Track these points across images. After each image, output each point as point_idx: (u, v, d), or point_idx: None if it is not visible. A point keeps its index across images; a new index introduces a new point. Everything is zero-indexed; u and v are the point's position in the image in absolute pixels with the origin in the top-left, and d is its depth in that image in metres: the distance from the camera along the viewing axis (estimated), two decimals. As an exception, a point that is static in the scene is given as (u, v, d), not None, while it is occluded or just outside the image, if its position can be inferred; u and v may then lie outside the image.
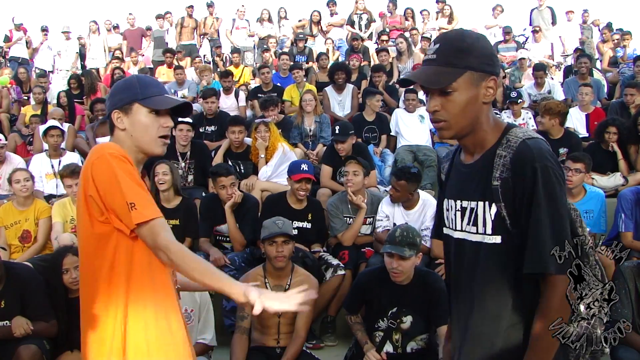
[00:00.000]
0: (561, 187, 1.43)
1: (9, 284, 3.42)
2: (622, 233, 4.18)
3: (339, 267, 4.24)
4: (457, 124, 1.50)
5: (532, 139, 1.46)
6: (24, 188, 4.57)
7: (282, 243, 3.40)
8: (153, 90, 1.76)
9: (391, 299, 3.19)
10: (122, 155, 1.66)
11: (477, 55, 1.46)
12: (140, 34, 11.79)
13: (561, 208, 1.42)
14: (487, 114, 1.52)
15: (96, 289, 1.68)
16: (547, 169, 1.41)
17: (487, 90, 1.48)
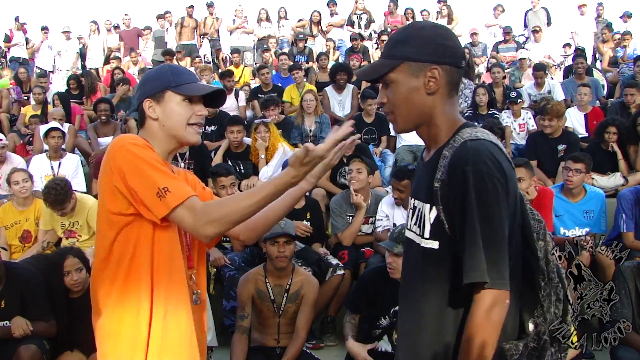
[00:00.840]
0: (496, 193, 1.31)
1: (9, 284, 3.42)
2: (623, 233, 4.17)
3: (338, 267, 4.24)
4: (401, 115, 1.45)
5: (476, 141, 1.36)
6: (23, 189, 4.56)
7: (284, 243, 3.40)
8: (186, 78, 1.71)
9: (394, 297, 3.18)
10: (144, 143, 1.61)
11: (415, 45, 1.40)
12: (136, 34, 11.78)
13: (494, 217, 1.31)
14: (442, 108, 1.43)
15: (113, 282, 1.61)
16: (480, 174, 1.31)
17: (429, 80, 1.40)
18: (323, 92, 7.46)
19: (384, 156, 6.23)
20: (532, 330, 1.39)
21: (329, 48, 9.80)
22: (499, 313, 1.31)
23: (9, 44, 11.19)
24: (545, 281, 1.41)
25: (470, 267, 1.31)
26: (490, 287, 1.30)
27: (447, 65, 1.40)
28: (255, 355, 3.36)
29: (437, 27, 1.47)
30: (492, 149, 1.35)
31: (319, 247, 4.49)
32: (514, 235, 1.37)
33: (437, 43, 1.40)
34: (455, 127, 1.44)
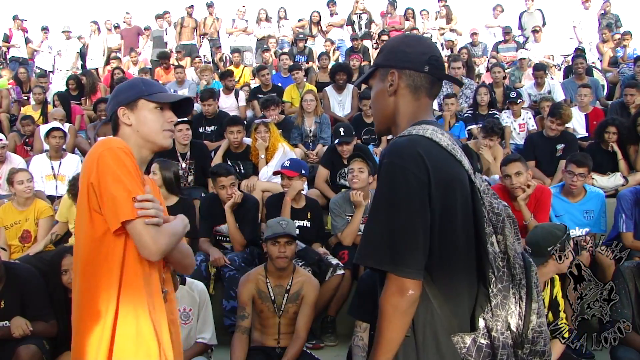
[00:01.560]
0: (408, 185, 1.35)
1: (8, 284, 3.42)
2: (623, 233, 4.17)
3: (338, 267, 4.24)
4: (374, 117, 1.61)
5: (405, 137, 1.44)
6: (27, 189, 4.56)
7: (285, 244, 3.41)
8: (157, 88, 1.87)
9: None
10: (127, 148, 1.71)
11: (384, 53, 1.59)
12: (137, 32, 11.78)
13: (400, 207, 1.35)
14: (404, 109, 1.53)
15: (91, 282, 1.68)
16: (392, 165, 1.38)
17: (389, 83, 1.53)
18: (323, 92, 7.46)
19: (383, 156, 6.22)
20: (481, 326, 1.39)
21: (329, 49, 9.79)
22: (401, 301, 1.34)
23: (8, 44, 11.19)
24: (498, 276, 1.40)
25: (359, 249, 1.41)
26: (395, 274, 1.34)
27: (407, 69, 1.52)
28: (255, 355, 3.35)
29: (404, 37, 1.65)
30: (417, 142, 1.40)
31: (319, 247, 4.50)
32: (449, 224, 1.39)
33: (399, 49, 1.54)
34: (409, 126, 1.50)
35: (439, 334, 1.38)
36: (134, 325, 1.66)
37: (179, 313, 3.32)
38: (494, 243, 1.42)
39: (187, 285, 3.42)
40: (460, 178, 1.42)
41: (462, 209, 1.41)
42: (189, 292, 3.39)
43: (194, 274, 4.11)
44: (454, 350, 1.38)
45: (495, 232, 1.43)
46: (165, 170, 4.45)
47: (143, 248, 1.64)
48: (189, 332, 3.36)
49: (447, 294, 1.39)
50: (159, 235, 1.65)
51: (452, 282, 1.39)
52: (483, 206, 1.44)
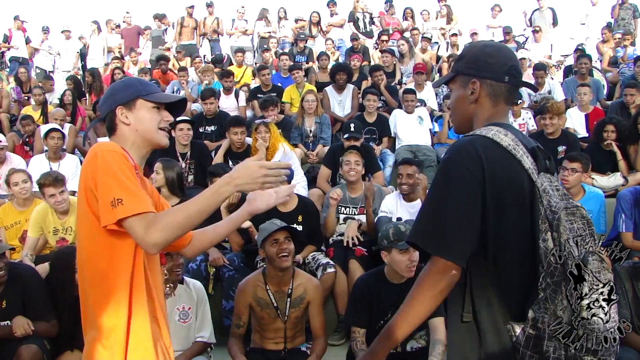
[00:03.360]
0: (461, 178, 1.48)
1: (10, 284, 3.43)
2: (622, 233, 4.17)
3: (329, 265, 4.22)
4: (453, 118, 1.75)
5: (469, 136, 1.58)
6: (22, 190, 4.53)
7: (285, 240, 3.25)
8: (153, 88, 1.90)
9: (390, 299, 3.18)
10: (120, 152, 1.71)
11: (465, 61, 1.67)
12: (137, 31, 11.79)
13: (451, 197, 1.48)
14: (481, 115, 1.65)
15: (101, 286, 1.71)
16: (448, 160, 1.53)
17: (470, 91, 1.64)
18: (323, 92, 7.46)
19: (384, 156, 6.23)
20: (530, 317, 1.45)
21: (330, 48, 9.79)
22: (439, 280, 1.48)
23: (7, 44, 11.19)
24: (549, 271, 1.44)
25: (410, 230, 1.57)
26: (437, 255, 1.48)
27: (487, 79, 1.62)
28: (255, 357, 3.32)
29: (486, 46, 1.70)
30: (478, 141, 1.53)
31: (314, 250, 4.46)
32: (502, 220, 1.48)
33: (480, 59, 1.64)
34: None
35: (497, 321, 1.49)
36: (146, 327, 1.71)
37: (178, 312, 3.33)
38: (548, 239, 1.48)
39: (185, 284, 3.41)
40: (518, 177, 1.52)
41: (517, 207, 1.50)
42: (187, 291, 3.38)
43: (193, 273, 4.12)
44: (504, 337, 1.48)
45: (551, 229, 1.49)
46: (168, 170, 4.45)
47: (138, 241, 1.62)
48: (188, 330, 3.35)
49: (502, 285, 1.49)
50: (151, 229, 1.59)
51: (506, 274, 1.49)
52: (541, 204, 1.51)
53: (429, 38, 9.82)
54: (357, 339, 3.17)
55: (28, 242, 4.38)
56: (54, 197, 4.19)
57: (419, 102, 7.02)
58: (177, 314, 3.32)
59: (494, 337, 1.49)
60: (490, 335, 1.49)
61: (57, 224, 4.36)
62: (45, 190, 4.21)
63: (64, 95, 7.45)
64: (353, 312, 3.27)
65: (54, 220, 4.36)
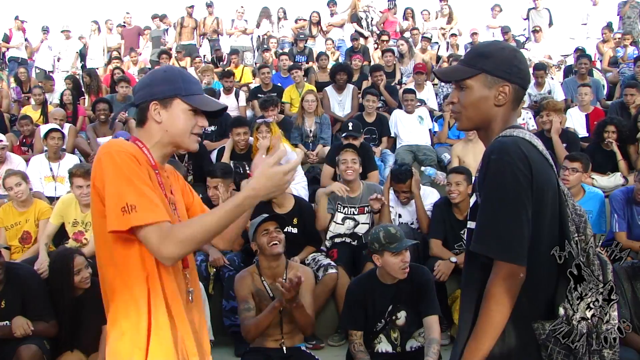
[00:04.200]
0: (515, 180, 1.47)
1: (9, 284, 3.43)
2: (616, 233, 4.19)
3: (330, 266, 4.22)
4: (467, 116, 1.67)
5: (507, 137, 1.56)
6: (18, 194, 4.51)
7: (275, 230, 3.32)
8: (195, 88, 1.74)
9: (385, 299, 3.18)
10: (131, 153, 1.61)
11: (495, 62, 1.61)
12: (137, 32, 11.79)
13: (508, 199, 1.47)
14: (502, 117, 1.63)
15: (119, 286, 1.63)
16: (501, 162, 1.49)
17: (499, 93, 1.60)
18: (323, 92, 7.46)
19: (384, 156, 6.23)
20: (561, 314, 1.48)
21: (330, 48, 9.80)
22: (511, 285, 1.46)
23: (7, 44, 11.19)
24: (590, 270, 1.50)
25: (475, 239, 1.53)
26: (504, 260, 1.46)
27: (516, 84, 1.62)
28: (256, 356, 3.32)
29: (515, 51, 1.68)
30: (521, 143, 1.53)
31: (313, 251, 4.46)
32: (540, 222, 1.51)
33: (513, 64, 1.61)
34: (504, 129, 1.62)
35: (522, 320, 1.49)
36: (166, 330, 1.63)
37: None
38: (577, 241, 1.53)
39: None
40: (552, 180, 1.56)
41: (550, 209, 1.54)
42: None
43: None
44: (533, 336, 1.49)
45: (578, 231, 1.55)
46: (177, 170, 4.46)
47: (152, 252, 1.56)
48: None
49: (531, 284, 1.49)
50: (167, 241, 1.52)
51: (536, 273, 1.49)
52: (567, 207, 1.56)
53: (429, 38, 9.82)
54: (355, 342, 3.17)
55: (48, 229, 4.43)
56: (80, 189, 4.26)
57: (419, 102, 7.03)
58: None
59: (520, 333, 1.49)
60: (516, 332, 1.49)
61: (79, 216, 4.40)
62: (74, 180, 4.28)
63: (64, 95, 7.45)
64: (349, 315, 3.27)
65: (76, 212, 4.40)
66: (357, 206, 4.60)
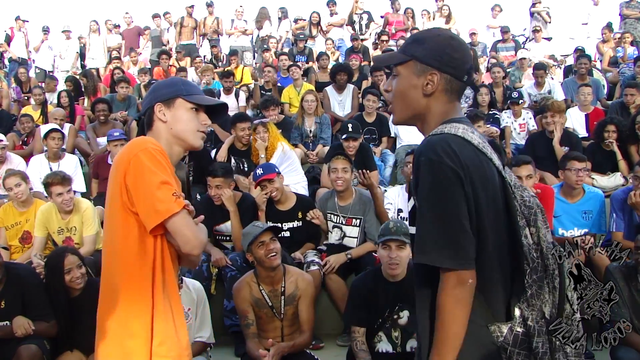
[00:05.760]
0: (447, 180, 1.39)
1: (9, 284, 3.43)
2: (613, 233, 4.18)
3: (312, 263, 4.20)
4: (397, 107, 1.59)
5: (437, 135, 1.47)
6: (18, 194, 4.50)
7: (271, 240, 3.31)
8: (195, 90, 1.91)
9: (388, 297, 3.19)
10: (163, 150, 1.75)
11: (427, 48, 1.51)
12: (137, 32, 11.79)
13: (443, 202, 1.39)
14: (436, 110, 1.53)
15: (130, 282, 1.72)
16: (430, 162, 1.41)
17: (427, 82, 1.51)
18: (323, 91, 7.46)
19: (384, 156, 6.23)
20: (517, 315, 1.43)
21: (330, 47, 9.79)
22: (462, 292, 1.39)
23: (8, 46, 11.19)
24: (533, 267, 1.44)
25: (416, 249, 1.43)
26: (449, 267, 1.38)
27: (448, 74, 1.50)
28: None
29: (451, 38, 1.56)
30: (451, 140, 1.44)
31: (311, 247, 4.47)
32: (480, 219, 1.42)
33: (445, 52, 1.50)
34: (439, 124, 1.52)
35: (476, 323, 1.42)
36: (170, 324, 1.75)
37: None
38: (528, 235, 1.46)
39: (185, 285, 3.42)
40: (490, 175, 1.47)
41: (492, 205, 1.45)
42: (187, 292, 3.38)
43: (194, 274, 4.12)
44: (491, 339, 1.43)
45: (528, 224, 1.47)
46: (179, 171, 4.47)
47: (185, 242, 1.68)
48: (188, 331, 3.35)
49: (481, 286, 1.43)
50: (199, 230, 1.72)
51: (485, 275, 1.43)
52: (515, 200, 1.48)
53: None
54: (357, 339, 3.19)
55: (35, 243, 4.40)
56: (61, 196, 4.24)
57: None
58: None
59: (472, 339, 1.42)
60: (469, 340, 1.41)
61: (61, 223, 4.38)
62: (52, 189, 4.24)
63: (60, 97, 7.45)
64: (352, 311, 3.30)
65: (58, 220, 4.37)
66: (346, 216, 4.44)
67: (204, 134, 1.89)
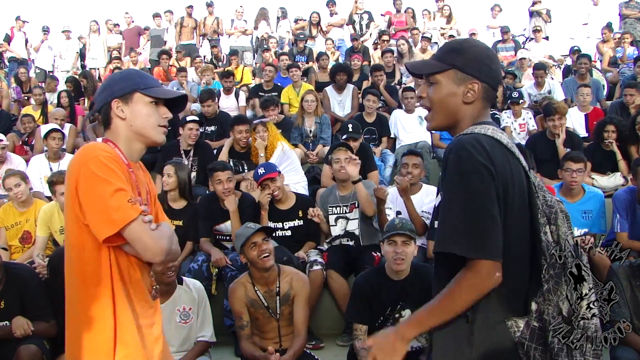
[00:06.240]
0: (477, 174, 1.43)
1: (8, 284, 3.42)
2: (617, 233, 4.18)
3: (315, 263, 4.21)
4: (436, 113, 1.64)
5: (468, 134, 1.53)
6: (17, 194, 4.51)
7: (263, 241, 3.28)
8: (152, 82, 1.82)
9: (390, 296, 3.20)
10: (115, 156, 1.67)
11: (466, 58, 1.58)
12: (137, 32, 11.79)
13: (473, 195, 1.43)
14: (471, 114, 1.60)
15: (85, 296, 1.66)
16: (460, 158, 1.46)
17: (468, 91, 1.58)
18: (323, 91, 7.45)
19: (384, 156, 6.23)
20: (534, 309, 1.46)
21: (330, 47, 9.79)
22: (483, 282, 1.41)
23: (8, 45, 11.19)
24: (550, 263, 1.47)
25: (445, 239, 1.45)
26: (480, 257, 1.40)
27: (486, 83, 1.59)
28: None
29: (488, 50, 1.66)
30: (481, 139, 1.50)
31: (312, 246, 4.48)
32: (507, 216, 1.46)
33: (485, 63, 1.59)
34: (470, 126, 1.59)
35: (493, 318, 1.46)
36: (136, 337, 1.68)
37: (179, 313, 3.33)
38: (548, 233, 1.50)
39: (185, 284, 3.42)
40: (517, 173, 1.52)
41: (518, 202, 1.50)
42: (188, 292, 3.39)
43: (194, 274, 4.12)
44: (507, 334, 1.45)
45: (549, 222, 1.52)
46: (181, 171, 4.50)
47: (145, 250, 1.61)
48: (189, 331, 3.36)
49: (504, 280, 1.44)
50: (159, 236, 1.62)
51: (505, 269, 1.44)
52: (538, 199, 1.53)
53: (429, 38, 9.82)
54: (359, 337, 3.19)
55: (38, 242, 4.41)
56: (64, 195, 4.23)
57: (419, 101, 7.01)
58: (178, 315, 3.32)
59: (487, 334, 1.45)
60: (482, 334, 1.45)
61: (64, 223, 4.36)
62: (56, 188, 4.24)
63: (60, 98, 7.45)
64: (354, 308, 3.31)
65: (60, 219, 4.37)
66: (348, 204, 4.51)
67: (165, 128, 1.81)
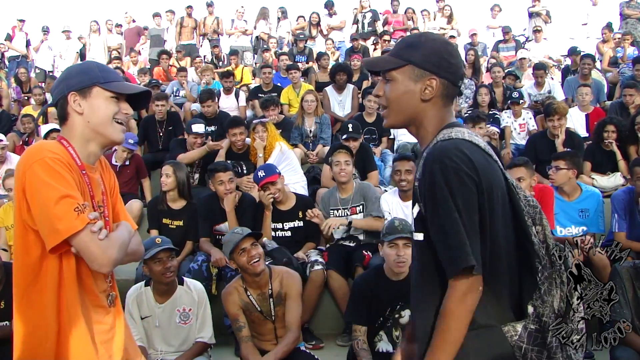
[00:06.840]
0: (462, 185, 1.38)
1: (8, 284, 3.41)
2: (615, 233, 4.17)
3: (316, 263, 4.20)
4: (392, 112, 1.56)
5: (447, 140, 1.46)
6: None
7: (252, 247, 3.25)
8: (113, 76, 1.71)
9: (389, 296, 3.19)
10: (63, 158, 1.58)
11: (423, 53, 1.50)
12: (137, 31, 11.79)
13: (457, 208, 1.37)
14: (432, 114, 1.53)
15: (30, 306, 1.61)
16: (444, 168, 1.39)
17: (426, 87, 1.50)
18: (323, 91, 7.45)
19: (384, 156, 6.23)
20: (531, 312, 1.44)
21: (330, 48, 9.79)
22: (471, 300, 1.39)
23: (10, 43, 11.20)
24: (544, 264, 1.46)
25: (447, 262, 1.39)
26: (470, 275, 1.36)
27: (446, 79, 1.51)
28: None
29: (447, 44, 1.56)
30: (462, 145, 1.44)
31: (312, 247, 4.48)
32: (494, 223, 1.43)
33: (444, 58, 1.50)
34: (440, 127, 1.53)
35: (488, 325, 1.43)
36: (89, 347, 1.60)
37: (179, 313, 3.33)
38: (534, 234, 1.48)
39: (186, 285, 3.42)
40: (497, 177, 1.48)
41: (501, 207, 1.46)
42: (188, 293, 3.38)
43: (194, 274, 4.11)
44: (503, 340, 1.42)
45: (534, 223, 1.49)
46: (179, 171, 4.50)
47: (92, 260, 1.52)
48: (189, 331, 3.36)
49: (497, 289, 1.44)
50: (108, 246, 1.53)
51: (496, 276, 1.43)
52: (520, 200, 1.49)
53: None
54: (358, 338, 3.19)
55: None
56: None
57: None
58: (178, 316, 3.32)
59: (485, 341, 1.42)
60: (480, 341, 1.41)
61: None
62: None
63: None
64: (353, 309, 3.30)
65: None
66: (349, 207, 4.50)
67: (123, 125, 1.70)
